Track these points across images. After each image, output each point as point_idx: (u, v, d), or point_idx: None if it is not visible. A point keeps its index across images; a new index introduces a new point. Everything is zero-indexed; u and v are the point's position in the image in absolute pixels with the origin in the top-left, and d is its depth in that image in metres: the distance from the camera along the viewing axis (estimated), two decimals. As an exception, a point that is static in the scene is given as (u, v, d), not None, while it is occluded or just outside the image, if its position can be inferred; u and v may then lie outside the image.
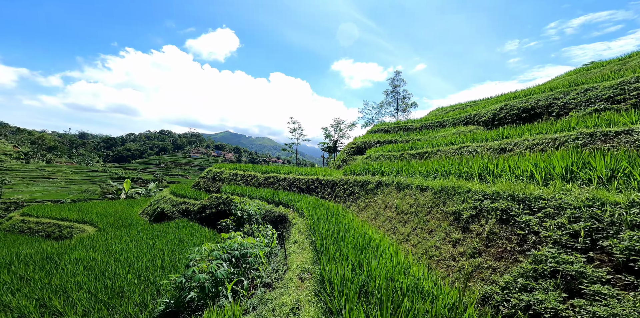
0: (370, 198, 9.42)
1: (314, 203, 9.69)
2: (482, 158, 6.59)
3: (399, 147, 13.86)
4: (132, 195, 30.34)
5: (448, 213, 4.75)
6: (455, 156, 9.00)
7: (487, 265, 3.48)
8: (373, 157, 15.04)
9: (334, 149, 35.57)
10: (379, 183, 9.45)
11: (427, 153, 10.86)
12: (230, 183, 18.23)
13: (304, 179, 14.62)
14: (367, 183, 10.24)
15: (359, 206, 9.91)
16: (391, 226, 6.69)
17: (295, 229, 7.66)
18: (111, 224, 15.42)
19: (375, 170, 10.70)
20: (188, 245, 10.16)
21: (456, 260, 3.90)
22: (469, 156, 7.78)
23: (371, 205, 9.05)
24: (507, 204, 3.76)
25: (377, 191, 9.28)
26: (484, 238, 3.80)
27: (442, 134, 13.69)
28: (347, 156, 20.57)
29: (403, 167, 8.74)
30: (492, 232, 3.73)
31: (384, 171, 10.02)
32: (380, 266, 3.64)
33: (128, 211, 20.19)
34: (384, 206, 7.98)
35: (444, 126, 17.03)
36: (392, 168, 9.54)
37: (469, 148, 8.61)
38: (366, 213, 8.91)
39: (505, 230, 3.61)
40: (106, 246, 9.36)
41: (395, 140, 18.04)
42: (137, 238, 10.60)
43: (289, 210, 10.83)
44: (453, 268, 3.86)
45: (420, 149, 11.79)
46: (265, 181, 16.41)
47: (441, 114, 19.82)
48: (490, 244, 3.65)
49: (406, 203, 6.69)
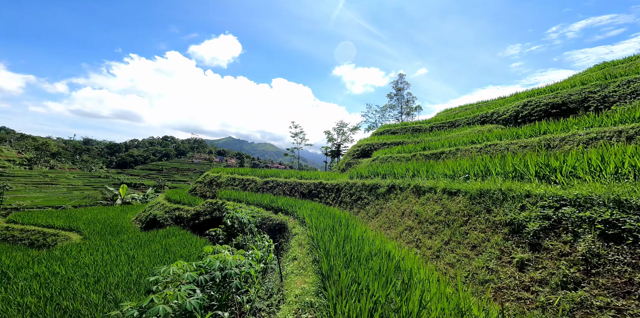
0: (382, 203, 8.19)
1: (317, 210, 8.47)
2: (515, 155, 5.41)
3: (409, 148, 12.67)
4: (129, 201, 29.29)
5: (498, 224, 3.56)
6: (480, 156, 7.78)
7: (601, 304, 2.26)
8: (381, 159, 13.86)
9: (337, 153, 34.38)
10: (391, 187, 8.23)
11: (445, 153, 9.66)
12: (227, 188, 17.08)
13: (306, 183, 13.44)
14: (377, 186, 9.03)
15: (368, 213, 8.66)
16: (412, 237, 5.45)
17: (295, 241, 6.44)
18: (97, 232, 14.27)
19: (386, 172, 9.49)
20: (174, 256, 8.95)
21: (532, 291, 2.68)
22: (500, 154, 6.57)
23: (383, 211, 7.81)
24: (614, 213, 2.55)
25: (389, 196, 8.06)
26: (579, 261, 2.59)
27: (457, 134, 12.51)
28: (352, 159, 19.39)
29: (420, 168, 7.55)
30: (594, 253, 2.53)
31: (396, 174, 8.82)
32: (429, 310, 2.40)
33: (120, 217, 19.05)
34: (399, 213, 6.74)
35: (456, 126, 15.85)
36: (406, 169, 8.34)
37: (498, 146, 7.41)
38: (378, 221, 7.66)
39: (621, 251, 2.40)
40: (78, 258, 8.18)
41: (403, 141, 16.87)
42: (117, 249, 9.41)
43: (289, 218, 9.61)
44: (529, 302, 2.64)
45: (435, 150, 10.60)
46: (264, 185, 15.24)
47: (452, 114, 18.70)
48: (596, 271, 2.44)
49: (430, 210, 5.47)
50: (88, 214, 19.33)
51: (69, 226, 15.62)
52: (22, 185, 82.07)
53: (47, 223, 16.33)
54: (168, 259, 8.57)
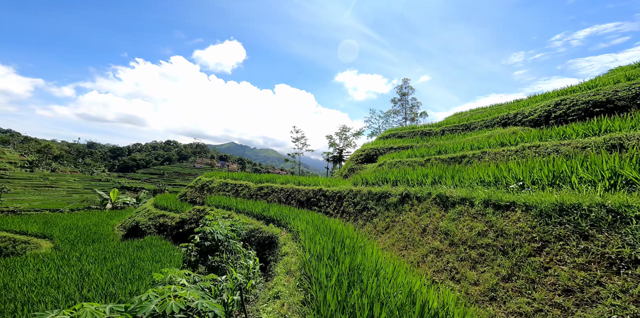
0: (394, 216, 6.68)
1: (314, 223, 6.97)
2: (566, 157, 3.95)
3: (421, 152, 11.20)
4: (120, 205, 27.88)
5: (615, 259, 2.12)
6: (517, 159, 6.30)
7: None
8: (389, 164, 12.38)
9: (339, 158, 32.94)
10: (405, 196, 6.73)
11: (467, 156, 8.18)
12: (219, 193, 15.63)
13: (304, 190, 11.96)
14: (387, 195, 7.54)
15: (376, 227, 7.14)
16: (442, 264, 3.94)
17: (282, 265, 4.93)
18: (71, 240, 12.79)
19: (397, 179, 8.01)
20: (142, 272, 7.44)
21: None
22: (552, 157, 5.09)
23: (396, 226, 6.29)
24: None
25: (402, 207, 6.55)
26: None
27: (477, 137, 11.03)
28: (355, 164, 17.92)
29: (443, 173, 6.08)
30: None
31: (410, 180, 7.33)
32: None
33: (104, 223, 17.59)
34: (418, 229, 5.23)
35: (471, 129, 14.40)
36: (424, 175, 6.86)
37: (541, 148, 5.94)
38: (390, 238, 6.13)
39: None
40: (13, 274, 6.70)
41: (412, 146, 15.42)
42: (74, 262, 7.91)
43: (281, 231, 8.09)
44: None
45: (453, 153, 9.12)
46: (258, 192, 13.77)
47: (465, 117, 17.29)
48: None
49: (466, 229, 3.98)
50: (68, 220, 17.91)
51: (43, 233, 14.19)
52: (22, 188, 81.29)
53: (20, 229, 14.92)
54: (132, 277, 7.05)
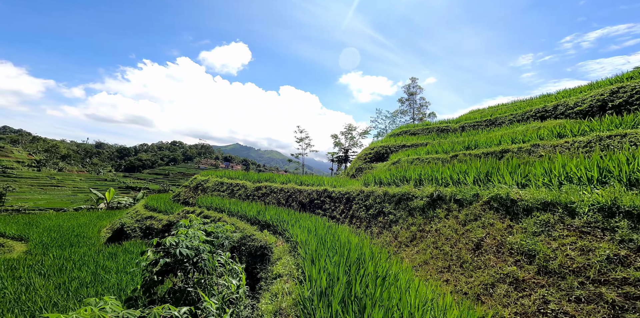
0: (421, 224, 5.09)
1: (317, 233, 5.41)
2: None
3: (444, 148, 9.57)
4: (115, 205, 26.76)
5: None
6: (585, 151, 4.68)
7: None
8: (404, 162, 10.77)
9: (344, 159, 31.30)
10: (436, 198, 5.15)
11: (510, 151, 6.55)
12: (213, 193, 14.22)
13: (307, 190, 10.43)
14: (410, 197, 5.95)
15: (397, 237, 5.55)
16: (534, 305, 2.36)
17: (269, 299, 3.39)
18: (46, 243, 11.49)
19: (422, 177, 6.41)
20: (102, 287, 5.99)
21: None
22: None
23: (427, 237, 4.70)
24: None
25: (434, 213, 4.96)
26: None
27: (513, 131, 9.35)
28: (364, 163, 16.33)
29: (493, 169, 4.48)
30: None
31: (441, 178, 5.74)
32: None
33: (91, 225, 16.33)
34: (469, 244, 3.67)
35: (498, 124, 12.70)
36: (461, 172, 5.26)
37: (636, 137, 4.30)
38: (419, 253, 4.55)
39: None
40: None
41: (427, 143, 13.77)
42: (24, 272, 6.49)
43: (277, 239, 6.55)
44: None
45: (488, 148, 7.49)
46: (255, 192, 12.28)
47: (487, 112, 15.57)
48: None
49: (573, 250, 2.40)
50: (54, 220, 16.71)
51: (21, 235, 12.95)
52: (29, 187, 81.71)
53: (-2, 230, 13.72)
54: (84, 295, 5.59)
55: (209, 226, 5.43)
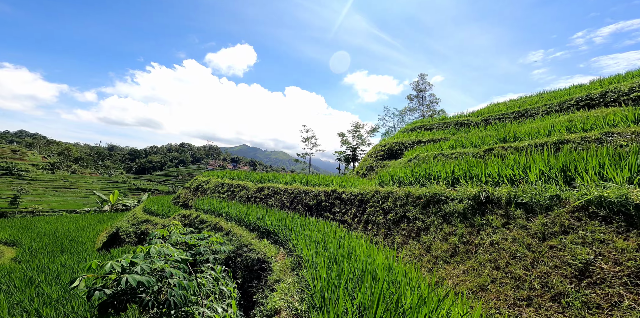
0: (465, 233, 3.85)
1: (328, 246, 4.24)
2: None
3: (473, 141, 8.24)
4: (120, 208, 26.30)
5: None
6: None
7: None
8: (423, 158, 9.47)
9: (352, 158, 30.01)
10: (483, 202, 3.89)
11: (568, 141, 5.22)
12: (213, 195, 13.24)
13: (314, 191, 9.26)
14: (442, 199, 4.71)
15: (430, 249, 4.33)
16: None
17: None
18: (36, 249, 10.72)
19: (456, 175, 5.15)
20: (66, 309, 5.00)
21: None
22: None
23: (478, 252, 3.46)
24: None
25: (483, 220, 3.72)
26: None
27: (567, 118, 7.93)
28: (375, 161, 15.06)
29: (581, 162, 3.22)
30: None
31: (485, 176, 4.47)
32: None
33: (90, 229, 15.64)
34: (570, 270, 2.45)
35: (530, 116, 11.23)
36: (520, 167, 3.98)
37: None
38: (468, 275, 3.32)
39: None
40: None
41: (445, 138, 12.40)
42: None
43: (278, 251, 5.41)
44: None
45: (534, 139, 6.15)
46: (257, 193, 11.20)
47: (514, 104, 14.05)
48: None
49: None
50: (51, 224, 16.11)
51: (13, 239, 12.29)
52: (43, 189, 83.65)
53: (-8, 234, 13.13)
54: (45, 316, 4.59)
55: (191, 238, 4.33)
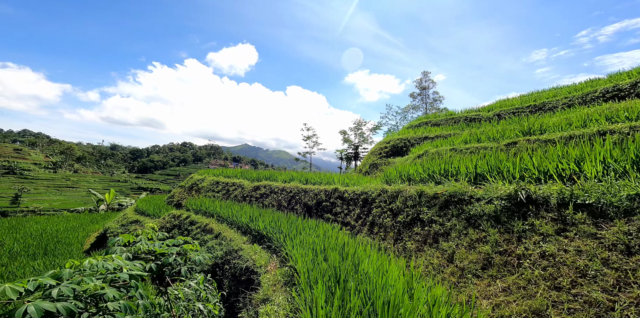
0: (499, 241, 3.06)
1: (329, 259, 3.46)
2: None
3: (491, 135, 7.41)
4: (115, 207, 25.69)
5: None
6: None
7: None
8: (433, 154, 8.65)
9: (355, 156, 29.16)
10: (523, 202, 3.08)
11: (611, 132, 4.40)
12: (207, 194, 12.50)
13: (313, 190, 8.47)
14: (465, 199, 3.92)
15: (454, 259, 3.54)
16: None
17: None
18: (17, 251, 10.04)
19: (479, 171, 4.35)
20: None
21: None
22: None
23: (523, 266, 2.65)
24: None
25: (525, 225, 2.91)
26: None
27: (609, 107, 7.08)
28: (379, 158, 14.24)
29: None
30: None
31: (519, 171, 3.67)
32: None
33: (80, 229, 14.98)
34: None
35: (548, 110, 10.37)
36: (569, 159, 3.17)
37: None
38: (511, 294, 2.51)
39: None
40: None
41: (454, 134, 11.55)
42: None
43: (270, 259, 4.63)
44: None
45: (568, 131, 5.32)
46: (252, 192, 10.44)
47: (529, 98, 13.17)
48: None
49: None
50: (41, 224, 15.47)
51: None
52: (45, 188, 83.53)
53: (-24, 234, 12.50)
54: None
55: (161, 245, 3.56)
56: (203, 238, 7.31)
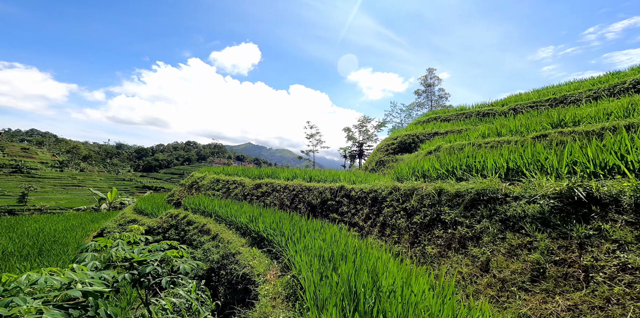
0: (552, 248, 2.46)
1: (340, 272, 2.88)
2: None
3: (512, 127, 6.75)
4: (117, 206, 25.48)
5: None
6: None
7: None
8: (447, 150, 8.01)
9: (359, 154, 28.52)
10: (582, 203, 2.47)
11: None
12: (207, 192, 12.03)
13: (318, 188, 7.91)
14: (498, 198, 3.32)
15: (489, 268, 2.94)
16: None
17: None
18: (8, 252, 9.68)
19: (510, 165, 3.74)
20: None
21: None
22: None
23: (596, 280, 2.05)
24: None
25: (589, 230, 2.31)
26: None
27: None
28: (386, 155, 13.62)
29: None
30: None
31: (566, 166, 3.06)
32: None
33: (79, 229, 14.66)
34: None
35: (570, 103, 9.64)
36: None
37: None
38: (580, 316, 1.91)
39: None
40: None
41: (466, 129, 10.88)
42: None
43: (271, 265, 4.08)
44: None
45: (609, 121, 4.69)
46: (254, 190, 9.91)
47: (547, 91, 12.40)
48: None
49: None
50: (40, 223, 15.20)
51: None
52: (51, 186, 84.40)
53: (-28, 234, 12.21)
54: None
55: (143, 251, 3.03)
56: (200, 240, 6.80)
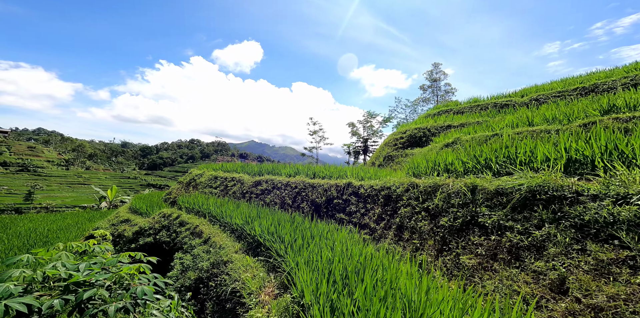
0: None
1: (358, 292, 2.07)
2: None
3: (548, 115, 5.83)
4: (118, 204, 25.05)
5: None
6: None
7: None
8: (466, 142, 7.12)
9: (364, 150, 27.61)
10: None
11: None
12: (205, 190, 11.32)
13: (322, 185, 7.09)
14: (563, 196, 2.48)
15: (565, 289, 2.12)
16: None
17: None
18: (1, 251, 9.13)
19: (575, 156, 2.88)
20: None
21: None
22: None
23: None
24: None
25: None
26: None
27: None
28: (394, 150, 12.73)
29: None
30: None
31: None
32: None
33: (73, 229, 14.14)
34: None
35: (603, 91, 8.65)
36: None
37: None
38: None
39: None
40: None
41: (482, 121, 9.94)
42: None
43: (265, 281, 3.29)
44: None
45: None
46: (253, 188, 9.16)
47: (575, 80, 11.36)
48: None
49: None
50: (35, 222, 14.69)
51: (-19, 240, 10.79)
52: (57, 185, 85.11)
53: (-38, 233, 11.73)
54: None
55: (90, 267, 2.26)
56: (191, 243, 6.07)
